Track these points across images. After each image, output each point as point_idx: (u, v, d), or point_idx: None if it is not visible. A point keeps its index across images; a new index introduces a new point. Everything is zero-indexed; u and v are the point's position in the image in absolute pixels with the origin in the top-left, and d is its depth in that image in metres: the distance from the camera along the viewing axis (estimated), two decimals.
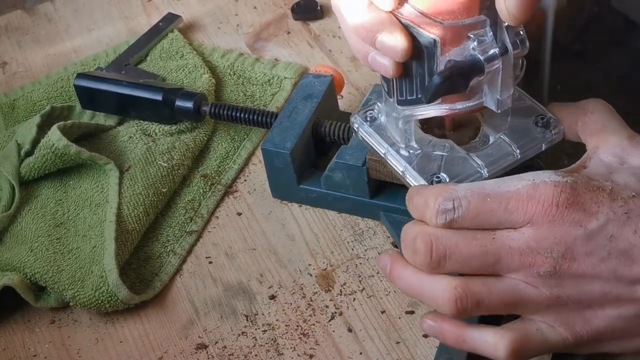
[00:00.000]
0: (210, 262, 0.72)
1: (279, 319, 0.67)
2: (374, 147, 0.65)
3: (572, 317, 0.54)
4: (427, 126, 0.65)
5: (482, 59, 0.55)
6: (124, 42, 0.96)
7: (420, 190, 0.57)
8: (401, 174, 0.62)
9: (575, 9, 0.91)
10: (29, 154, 0.78)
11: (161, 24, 0.96)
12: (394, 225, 0.69)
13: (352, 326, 0.65)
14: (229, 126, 0.83)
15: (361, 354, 0.63)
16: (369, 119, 0.66)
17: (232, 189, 0.79)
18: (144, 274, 0.72)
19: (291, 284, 0.69)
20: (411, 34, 0.55)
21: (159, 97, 0.80)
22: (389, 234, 0.71)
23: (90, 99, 0.84)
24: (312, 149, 0.75)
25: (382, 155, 0.64)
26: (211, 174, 0.79)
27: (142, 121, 0.82)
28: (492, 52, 0.55)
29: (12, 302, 0.69)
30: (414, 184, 0.61)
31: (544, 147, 0.62)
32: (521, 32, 0.56)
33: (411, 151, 0.63)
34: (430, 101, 0.57)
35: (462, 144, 0.63)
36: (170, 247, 0.74)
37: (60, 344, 0.68)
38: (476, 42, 0.55)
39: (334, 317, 0.66)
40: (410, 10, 0.55)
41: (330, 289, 0.68)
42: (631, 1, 0.90)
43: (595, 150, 0.58)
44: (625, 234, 0.52)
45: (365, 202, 0.71)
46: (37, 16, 1.04)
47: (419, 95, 0.58)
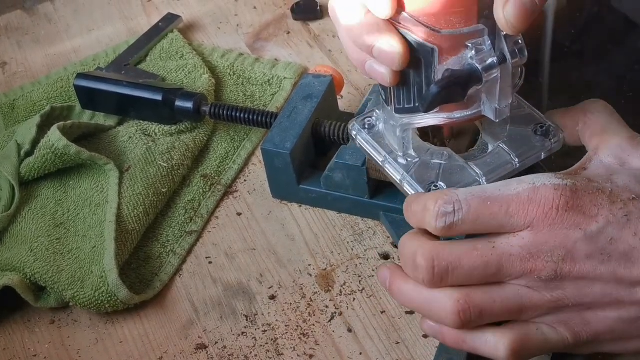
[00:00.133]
0: (210, 262, 0.72)
1: (278, 319, 0.67)
2: (372, 155, 0.64)
3: (573, 318, 0.54)
4: (425, 134, 0.64)
5: (480, 68, 0.54)
6: (124, 42, 0.96)
7: (418, 196, 0.56)
8: (399, 182, 0.62)
9: (575, 9, 0.91)
10: (29, 154, 0.78)
11: (161, 24, 0.96)
12: (394, 225, 0.69)
13: (352, 326, 0.65)
14: (228, 126, 0.83)
15: (361, 354, 0.63)
16: (367, 126, 0.66)
17: (232, 189, 0.79)
18: (143, 274, 0.72)
19: (291, 284, 0.69)
20: (408, 42, 0.55)
21: (159, 97, 0.80)
22: (389, 234, 0.71)
23: (90, 99, 0.84)
24: (312, 149, 0.75)
25: (380, 163, 0.64)
26: (211, 174, 0.79)
27: (142, 121, 0.82)
28: (490, 61, 0.54)
29: (12, 302, 0.69)
30: (411, 193, 0.60)
31: (543, 155, 0.61)
32: (520, 41, 0.55)
33: (409, 159, 0.62)
34: (427, 110, 0.56)
35: (461, 152, 0.62)
36: (170, 247, 0.73)
37: (60, 344, 0.68)
38: (474, 51, 0.54)
39: (333, 317, 0.66)
40: (407, 18, 0.54)
41: (330, 289, 0.68)
42: (631, 1, 0.90)
43: (595, 151, 0.58)
44: (625, 236, 0.52)
45: (365, 202, 0.71)
46: (37, 16, 1.04)
47: (417, 104, 0.58)
